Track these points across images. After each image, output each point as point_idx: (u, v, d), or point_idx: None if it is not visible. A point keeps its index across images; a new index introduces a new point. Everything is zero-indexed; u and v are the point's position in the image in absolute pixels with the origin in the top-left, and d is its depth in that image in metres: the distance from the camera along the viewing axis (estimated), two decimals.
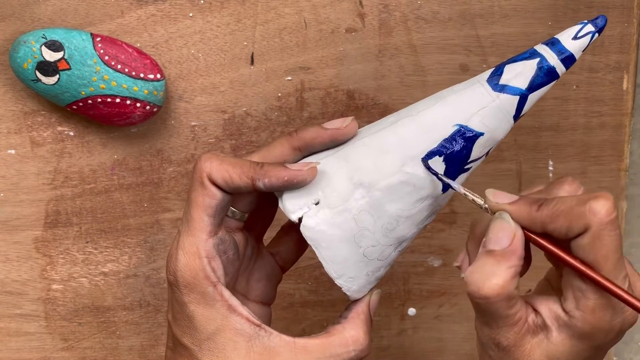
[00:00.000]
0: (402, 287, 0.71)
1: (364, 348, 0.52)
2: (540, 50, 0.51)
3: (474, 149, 0.51)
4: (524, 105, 0.51)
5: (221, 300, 0.50)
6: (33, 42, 0.61)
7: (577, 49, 0.51)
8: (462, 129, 0.50)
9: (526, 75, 0.51)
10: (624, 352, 0.83)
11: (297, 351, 0.50)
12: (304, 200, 0.52)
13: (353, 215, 0.51)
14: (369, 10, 0.65)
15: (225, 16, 0.65)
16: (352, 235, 0.51)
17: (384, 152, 0.52)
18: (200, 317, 0.50)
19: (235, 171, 0.51)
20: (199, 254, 0.51)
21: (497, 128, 0.51)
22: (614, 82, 0.67)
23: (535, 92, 0.51)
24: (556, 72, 0.51)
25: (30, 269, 0.69)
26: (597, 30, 0.51)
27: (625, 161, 0.68)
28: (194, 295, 0.51)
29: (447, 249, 0.70)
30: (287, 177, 0.51)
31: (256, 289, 0.57)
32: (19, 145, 0.66)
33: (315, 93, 0.66)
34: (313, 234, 0.51)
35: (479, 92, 0.51)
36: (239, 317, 0.50)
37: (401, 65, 0.66)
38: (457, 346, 0.73)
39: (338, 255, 0.51)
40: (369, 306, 0.53)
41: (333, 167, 0.52)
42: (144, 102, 0.63)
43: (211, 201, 0.51)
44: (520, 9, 0.65)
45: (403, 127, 0.52)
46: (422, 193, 0.51)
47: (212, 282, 0.51)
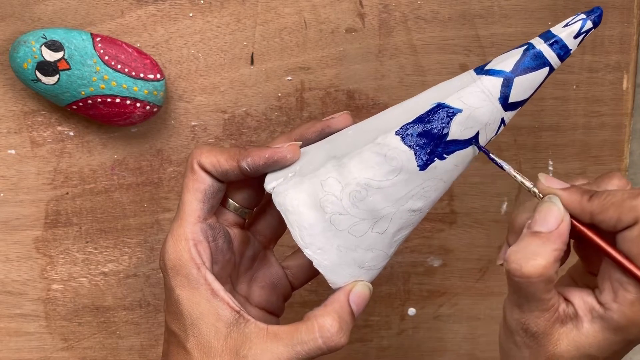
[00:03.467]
0: (402, 287, 0.71)
1: (332, 336, 0.51)
2: (531, 40, 0.51)
3: (452, 126, 0.50)
4: (510, 88, 0.50)
5: (205, 284, 0.51)
6: (33, 42, 0.61)
7: (566, 34, 0.50)
8: (439, 105, 0.50)
9: (511, 60, 0.50)
10: None
11: (268, 338, 0.50)
12: (282, 173, 0.52)
13: (320, 180, 0.51)
14: (369, 10, 0.65)
15: (225, 16, 0.65)
16: (317, 199, 0.51)
17: (365, 131, 0.52)
18: (186, 301, 0.51)
19: (223, 156, 0.52)
20: (185, 236, 0.52)
21: (477, 107, 0.50)
22: (614, 82, 0.67)
23: (522, 76, 0.50)
24: (544, 57, 0.50)
25: (30, 269, 0.69)
26: (589, 18, 0.50)
27: (625, 161, 0.68)
28: (179, 279, 0.51)
29: (447, 249, 0.70)
30: (268, 154, 0.52)
31: (259, 295, 0.57)
32: (19, 145, 0.66)
33: (315, 93, 0.66)
34: (281, 198, 0.51)
35: (464, 77, 0.51)
36: (220, 302, 0.51)
37: (401, 65, 0.66)
38: (457, 346, 0.73)
39: (304, 220, 0.51)
40: (347, 295, 0.52)
41: (316, 148, 0.53)
42: (144, 102, 0.63)
43: (200, 186, 0.52)
44: (520, 8, 0.65)
45: (388, 112, 0.53)
46: (394, 164, 0.50)
47: (195, 264, 0.51)
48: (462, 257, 0.71)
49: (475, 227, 0.70)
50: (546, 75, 0.50)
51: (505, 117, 0.51)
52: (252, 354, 0.50)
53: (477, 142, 0.51)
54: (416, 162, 0.50)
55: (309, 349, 0.50)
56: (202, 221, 0.53)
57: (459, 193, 0.69)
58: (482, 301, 0.72)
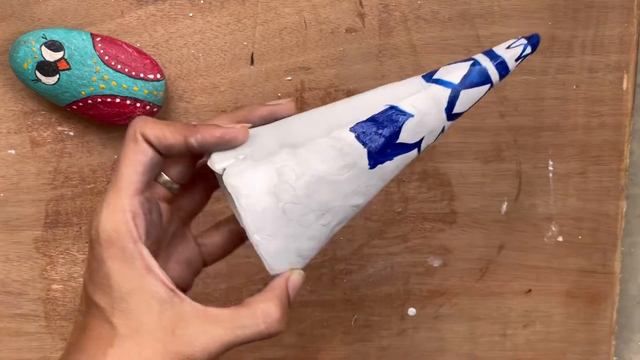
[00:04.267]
0: (402, 287, 0.71)
1: (274, 322, 0.50)
2: (475, 56, 0.53)
3: (404, 129, 0.51)
4: (456, 101, 0.52)
5: (140, 259, 0.49)
6: (33, 42, 0.61)
7: (509, 56, 0.53)
8: (393, 108, 0.51)
9: (459, 73, 0.52)
10: (624, 352, 0.83)
11: (206, 320, 0.49)
12: (231, 154, 0.52)
13: (276, 168, 0.51)
14: (369, 10, 0.65)
15: (225, 16, 0.65)
16: (272, 185, 0.51)
17: (316, 122, 0.53)
18: (117, 275, 0.49)
19: (169, 129, 0.51)
20: (123, 208, 0.50)
21: (427, 114, 0.52)
22: (614, 82, 0.67)
23: (467, 90, 0.52)
24: (488, 75, 0.52)
25: (30, 269, 0.69)
26: (529, 43, 0.53)
27: (625, 161, 0.68)
28: (113, 251, 0.49)
29: (447, 249, 0.70)
30: (220, 133, 0.51)
31: (174, 270, 0.55)
32: (19, 145, 0.66)
33: (315, 93, 0.66)
34: (234, 180, 0.50)
35: (413, 82, 0.53)
36: (155, 279, 0.49)
37: (401, 65, 0.66)
38: (457, 346, 0.73)
39: (257, 204, 0.50)
40: (286, 282, 0.52)
41: (265, 131, 0.53)
42: (144, 102, 0.63)
43: (142, 158, 0.50)
44: (521, 9, 0.65)
45: (338, 105, 0.53)
46: (347, 159, 0.51)
47: (133, 237, 0.49)
48: (462, 257, 0.71)
49: (475, 227, 0.70)
50: (486, 91, 0.53)
51: (446, 126, 0.53)
52: (189, 334, 0.49)
53: (420, 147, 0.52)
54: (367, 161, 0.51)
55: (250, 333, 0.50)
56: (140, 194, 0.50)
57: (459, 193, 0.69)
58: (482, 301, 0.72)
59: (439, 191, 0.69)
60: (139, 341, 0.48)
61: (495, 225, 0.70)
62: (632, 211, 0.79)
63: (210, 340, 0.49)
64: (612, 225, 0.70)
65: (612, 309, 0.72)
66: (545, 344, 0.73)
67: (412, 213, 0.70)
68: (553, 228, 0.70)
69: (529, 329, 0.73)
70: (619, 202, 0.69)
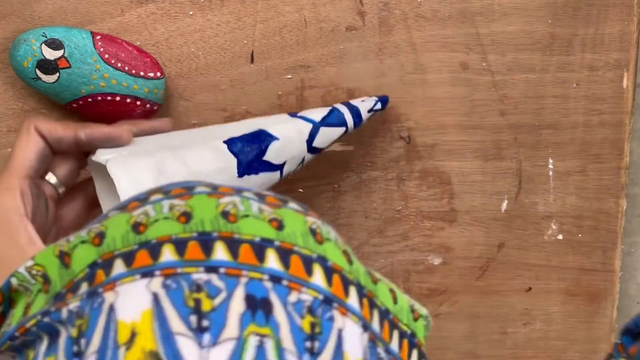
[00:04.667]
0: (403, 286, 0.71)
1: None
2: (335, 105, 0.64)
3: (269, 149, 0.59)
4: (315, 135, 0.61)
5: (24, 232, 0.53)
6: (33, 41, 0.61)
7: (362, 107, 0.64)
8: (262, 131, 0.60)
9: (320, 114, 0.62)
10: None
11: None
12: (115, 150, 0.57)
13: (156, 161, 0.56)
14: (369, 8, 0.65)
15: (226, 14, 0.65)
16: (152, 174, 0.55)
17: (194, 136, 0.60)
18: (4, 247, 0.53)
19: (60, 124, 0.57)
20: (12, 186, 0.54)
21: (291, 141, 0.60)
22: (614, 80, 0.67)
23: (325, 128, 0.62)
24: (344, 119, 0.63)
25: None
26: (379, 100, 0.65)
27: (625, 159, 0.68)
28: (2, 225, 0.53)
29: (447, 247, 0.71)
30: (107, 130, 0.57)
31: None
32: None
33: (316, 91, 0.66)
34: (117, 167, 0.55)
35: (281, 116, 0.62)
36: (36, 250, 0.52)
37: (401, 63, 0.66)
38: (458, 344, 0.73)
39: (136, 188, 0.54)
40: None
41: (146, 139, 0.59)
42: (144, 101, 0.63)
43: (33, 147, 0.56)
44: (520, 7, 0.65)
45: (213, 127, 0.62)
46: (220, 164, 0.57)
47: (19, 213, 0.54)
48: (462, 255, 0.71)
49: (475, 225, 0.70)
50: (342, 133, 0.63)
51: (306, 157, 0.61)
52: None
53: (282, 171, 0.60)
54: (237, 169, 0.58)
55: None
56: (29, 178, 0.55)
57: (459, 191, 0.69)
58: (483, 299, 0.72)
59: (439, 189, 0.69)
60: None
61: (495, 224, 0.70)
62: (631, 211, 0.79)
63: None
64: (612, 223, 0.70)
65: (612, 307, 0.72)
66: (545, 341, 0.73)
67: (412, 211, 0.70)
68: (553, 226, 0.70)
69: (529, 327, 0.73)
70: (619, 200, 0.69)
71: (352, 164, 0.68)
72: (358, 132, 0.67)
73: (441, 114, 0.67)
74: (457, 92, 0.67)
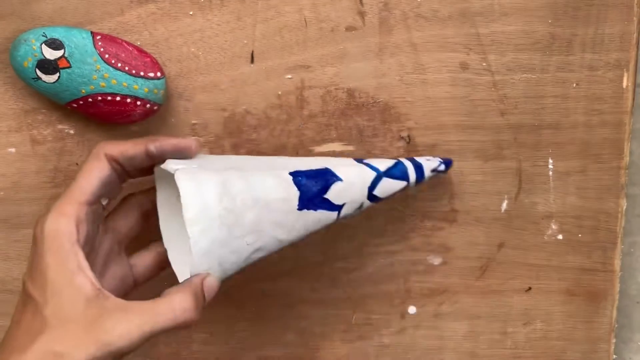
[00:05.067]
0: (403, 286, 0.71)
1: (186, 311, 0.54)
2: (401, 158, 0.65)
3: (332, 188, 0.60)
4: (377, 184, 0.62)
5: (74, 259, 0.53)
6: (33, 41, 0.61)
7: (426, 165, 0.65)
8: (328, 169, 0.61)
9: (385, 164, 0.63)
10: (624, 352, 0.83)
11: (126, 311, 0.53)
12: (184, 162, 0.57)
13: (222, 179, 0.56)
14: (369, 8, 0.65)
15: (226, 14, 0.65)
16: (216, 190, 0.55)
17: (259, 162, 0.60)
18: (53, 271, 0.53)
19: (128, 144, 0.57)
20: (69, 213, 0.54)
21: (353, 184, 0.61)
22: (614, 80, 0.67)
23: (387, 179, 0.63)
24: (407, 173, 0.64)
25: None
26: (444, 163, 0.66)
27: (625, 159, 0.68)
28: (52, 248, 0.53)
29: (448, 247, 0.71)
30: (176, 141, 0.57)
31: (109, 284, 0.60)
32: (19, 144, 0.66)
33: (316, 91, 0.66)
34: (184, 177, 0.55)
35: (347, 160, 0.63)
36: (84, 278, 0.53)
37: (401, 63, 0.66)
38: (458, 344, 0.73)
39: (200, 200, 0.55)
40: (202, 280, 0.56)
41: (214, 157, 0.61)
42: (144, 101, 0.63)
43: (99, 174, 0.56)
44: (521, 7, 0.65)
45: (279, 158, 0.62)
46: (282, 194, 0.58)
47: (71, 240, 0.54)
48: (462, 256, 0.71)
49: (475, 225, 0.70)
50: (402, 187, 0.63)
51: (364, 204, 0.62)
52: (109, 324, 0.52)
53: (340, 212, 0.61)
54: (298, 202, 0.59)
55: (165, 321, 0.54)
56: (88, 205, 0.55)
57: (459, 191, 0.69)
58: (483, 299, 0.72)
59: (439, 189, 0.69)
60: (65, 331, 0.52)
61: (495, 224, 0.70)
62: (631, 211, 0.79)
63: (128, 328, 0.53)
64: (612, 223, 0.70)
65: (612, 307, 0.72)
66: (545, 342, 0.73)
67: (413, 211, 0.70)
68: (553, 226, 0.70)
69: (529, 327, 0.73)
70: (619, 200, 0.69)
71: None
72: (358, 131, 0.67)
73: (441, 114, 0.67)
74: (457, 92, 0.67)
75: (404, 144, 0.68)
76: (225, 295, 0.70)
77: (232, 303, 0.71)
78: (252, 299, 0.71)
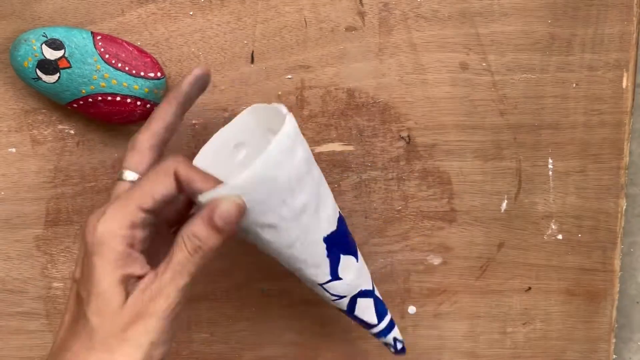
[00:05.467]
0: (402, 286, 0.71)
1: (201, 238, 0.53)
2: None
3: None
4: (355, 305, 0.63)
5: (123, 264, 0.52)
6: (34, 41, 0.62)
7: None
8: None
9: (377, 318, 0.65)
10: (624, 352, 0.83)
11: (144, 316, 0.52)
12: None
13: (313, 168, 0.57)
14: (369, 8, 0.65)
15: (226, 14, 0.65)
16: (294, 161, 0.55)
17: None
18: (100, 272, 0.52)
19: (200, 177, 0.54)
20: (126, 216, 0.53)
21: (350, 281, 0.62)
22: (613, 80, 0.67)
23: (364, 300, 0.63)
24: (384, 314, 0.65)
25: (31, 267, 0.69)
26: (398, 350, 0.66)
27: (624, 159, 0.68)
28: (103, 249, 0.52)
29: (447, 247, 0.71)
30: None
31: None
32: (20, 144, 0.67)
33: (316, 91, 0.66)
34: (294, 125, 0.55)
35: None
36: (122, 286, 0.52)
37: (401, 63, 0.66)
38: (457, 344, 0.73)
39: (289, 153, 0.54)
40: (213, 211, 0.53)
41: None
42: (145, 101, 0.63)
43: (163, 190, 0.53)
44: (520, 7, 0.65)
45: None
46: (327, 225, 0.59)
47: (124, 243, 0.52)
48: (462, 255, 0.71)
49: (475, 225, 0.70)
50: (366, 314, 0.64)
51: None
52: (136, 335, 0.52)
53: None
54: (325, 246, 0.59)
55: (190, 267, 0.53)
56: (146, 212, 0.53)
57: (459, 191, 0.69)
58: (482, 299, 0.72)
59: (438, 189, 0.69)
60: (103, 338, 0.52)
61: (495, 223, 0.70)
62: (631, 211, 0.79)
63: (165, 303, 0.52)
64: (612, 223, 0.70)
65: (611, 306, 0.72)
66: (545, 341, 0.73)
67: (412, 211, 0.70)
68: (553, 226, 0.70)
69: (528, 327, 0.73)
70: (619, 200, 0.69)
71: (352, 164, 0.68)
72: (358, 131, 0.67)
73: (441, 114, 0.67)
74: (457, 92, 0.67)
75: (403, 144, 0.68)
76: (225, 295, 0.70)
77: (232, 303, 0.71)
78: (252, 299, 0.71)
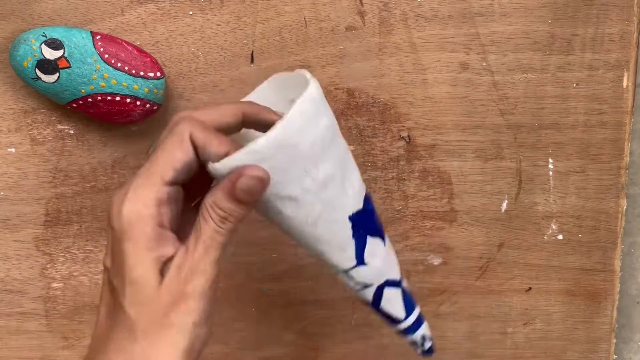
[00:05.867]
0: None
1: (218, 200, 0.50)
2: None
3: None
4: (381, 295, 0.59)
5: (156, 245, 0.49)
6: (33, 40, 0.61)
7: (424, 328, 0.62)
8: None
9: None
10: (624, 352, 0.83)
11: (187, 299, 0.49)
12: None
13: (337, 136, 0.53)
14: (369, 8, 0.65)
15: (226, 14, 0.65)
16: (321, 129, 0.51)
17: None
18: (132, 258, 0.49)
19: (216, 139, 0.50)
20: (150, 195, 0.49)
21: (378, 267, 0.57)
22: (614, 80, 0.67)
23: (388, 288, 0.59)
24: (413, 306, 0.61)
25: (30, 267, 0.69)
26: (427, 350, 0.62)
27: (625, 159, 0.68)
28: (133, 234, 0.49)
29: (447, 247, 0.71)
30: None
31: None
32: (19, 144, 0.66)
33: None
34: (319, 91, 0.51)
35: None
36: (156, 268, 0.49)
37: (401, 63, 0.66)
38: (458, 344, 0.73)
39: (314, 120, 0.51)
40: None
41: None
42: (144, 101, 0.63)
43: (182, 157, 0.50)
44: (520, 7, 0.65)
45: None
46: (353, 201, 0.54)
47: (153, 224, 0.49)
48: (462, 255, 0.71)
49: (475, 225, 0.70)
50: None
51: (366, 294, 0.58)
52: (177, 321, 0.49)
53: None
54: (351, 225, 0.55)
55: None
56: (170, 186, 0.50)
57: (459, 191, 0.69)
58: (483, 299, 0.72)
59: (439, 189, 0.69)
60: (144, 329, 0.48)
61: (495, 224, 0.70)
62: (631, 211, 0.79)
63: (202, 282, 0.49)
64: (612, 223, 0.70)
65: (612, 307, 0.72)
66: (545, 342, 0.73)
67: (412, 211, 0.70)
68: (553, 226, 0.70)
69: (529, 327, 0.73)
70: (619, 200, 0.69)
71: None
72: (358, 131, 0.67)
73: (441, 114, 0.67)
74: (457, 92, 0.67)
75: (403, 143, 0.68)
76: (225, 295, 0.70)
77: (232, 303, 0.71)
78: (252, 299, 0.71)
